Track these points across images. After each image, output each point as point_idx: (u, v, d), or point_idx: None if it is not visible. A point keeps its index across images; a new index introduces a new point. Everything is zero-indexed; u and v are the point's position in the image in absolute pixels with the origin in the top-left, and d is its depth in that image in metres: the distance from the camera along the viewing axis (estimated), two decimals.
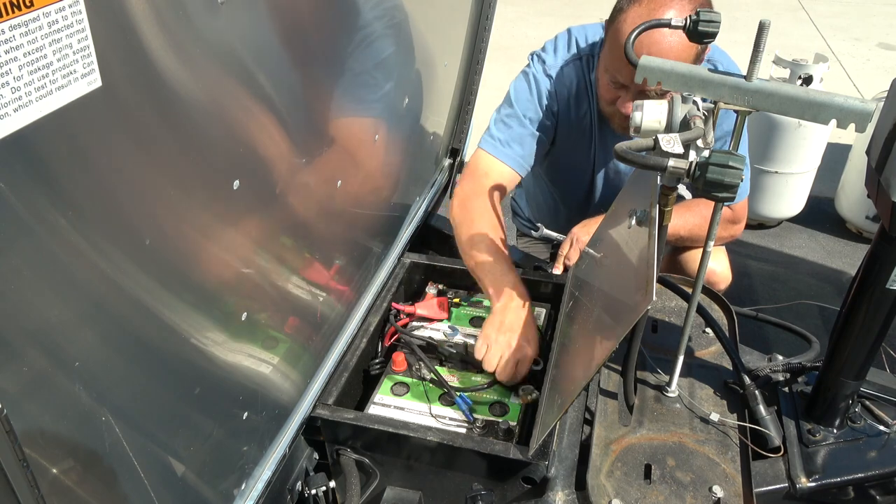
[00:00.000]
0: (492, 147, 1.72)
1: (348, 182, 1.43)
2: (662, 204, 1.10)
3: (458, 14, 1.91)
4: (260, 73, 1.03)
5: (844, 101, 0.98)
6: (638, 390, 1.40)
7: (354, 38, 1.31)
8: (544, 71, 1.75)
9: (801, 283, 3.32)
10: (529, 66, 1.78)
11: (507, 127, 1.73)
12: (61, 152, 0.70)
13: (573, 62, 1.75)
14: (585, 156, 1.89)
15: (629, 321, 1.01)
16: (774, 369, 1.42)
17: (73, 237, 0.74)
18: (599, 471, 1.25)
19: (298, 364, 1.35)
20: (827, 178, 3.69)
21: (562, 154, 1.91)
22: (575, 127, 1.81)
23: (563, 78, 1.75)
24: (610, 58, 1.57)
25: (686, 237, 1.83)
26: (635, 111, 1.05)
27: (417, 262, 1.78)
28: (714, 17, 1.13)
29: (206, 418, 1.08)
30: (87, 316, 0.80)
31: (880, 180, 1.07)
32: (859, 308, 1.21)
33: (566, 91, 1.76)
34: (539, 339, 1.47)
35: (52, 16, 0.64)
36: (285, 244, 1.25)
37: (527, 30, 6.62)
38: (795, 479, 1.25)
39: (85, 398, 0.80)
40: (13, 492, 0.70)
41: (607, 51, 1.58)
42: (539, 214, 2.29)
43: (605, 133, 1.81)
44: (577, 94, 1.77)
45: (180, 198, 0.91)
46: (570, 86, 1.76)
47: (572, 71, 1.75)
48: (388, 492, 1.36)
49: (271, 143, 1.11)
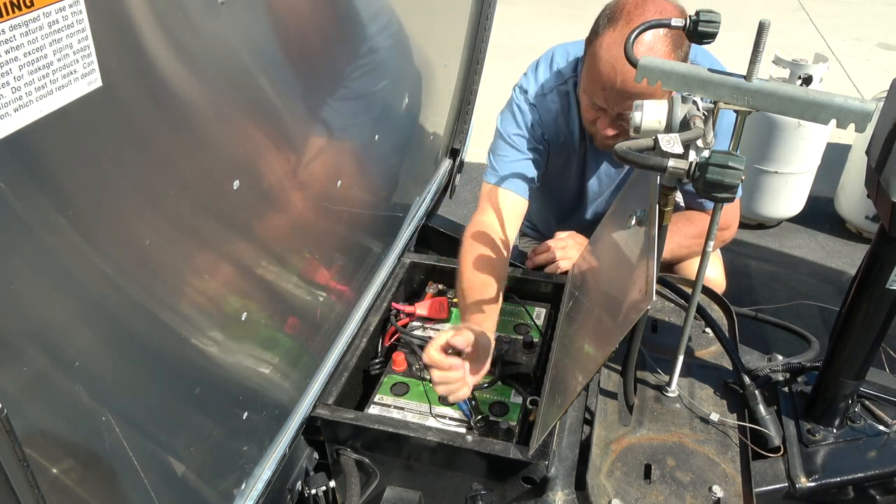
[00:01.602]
0: (494, 178, 1.73)
1: (348, 182, 1.43)
2: (662, 204, 1.10)
3: (458, 14, 1.91)
4: (260, 73, 1.03)
5: (844, 101, 0.98)
6: (638, 390, 1.40)
7: (355, 38, 1.31)
8: (527, 101, 1.76)
9: (801, 283, 3.32)
10: (513, 99, 1.79)
11: (504, 157, 1.74)
12: (61, 152, 0.70)
13: (556, 88, 1.75)
14: (575, 169, 1.90)
15: (629, 321, 1.01)
16: (774, 369, 1.42)
17: (73, 237, 0.74)
18: (599, 471, 1.25)
19: (298, 364, 1.35)
20: (827, 178, 3.69)
21: (553, 168, 1.93)
22: (565, 144, 1.82)
23: (547, 103, 1.76)
24: (587, 81, 1.56)
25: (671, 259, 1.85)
26: (635, 111, 1.05)
27: (417, 262, 1.79)
28: (714, 17, 1.13)
29: (206, 418, 1.08)
30: (87, 316, 0.80)
31: (880, 180, 1.07)
32: (859, 308, 1.21)
33: (551, 115, 1.76)
34: (486, 361, 1.37)
35: (53, 16, 0.64)
36: (285, 244, 1.25)
37: (527, 30, 6.62)
38: (795, 479, 1.25)
39: (85, 398, 0.80)
40: (13, 492, 0.70)
41: (585, 73, 1.57)
42: (533, 217, 2.30)
43: (593, 146, 1.82)
44: (563, 115, 1.77)
45: (180, 198, 0.91)
46: (554, 112, 1.76)
47: (555, 97, 1.75)
48: (388, 492, 1.36)
49: (271, 144, 1.11)
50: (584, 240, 1.78)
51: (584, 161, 1.87)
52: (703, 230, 1.23)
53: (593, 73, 1.51)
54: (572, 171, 1.91)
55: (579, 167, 1.89)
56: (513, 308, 1.68)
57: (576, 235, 1.80)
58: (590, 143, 1.82)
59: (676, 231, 1.77)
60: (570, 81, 1.75)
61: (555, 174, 1.95)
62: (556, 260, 1.74)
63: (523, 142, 1.74)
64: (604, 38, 1.47)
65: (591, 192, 1.94)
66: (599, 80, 1.50)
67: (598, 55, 1.48)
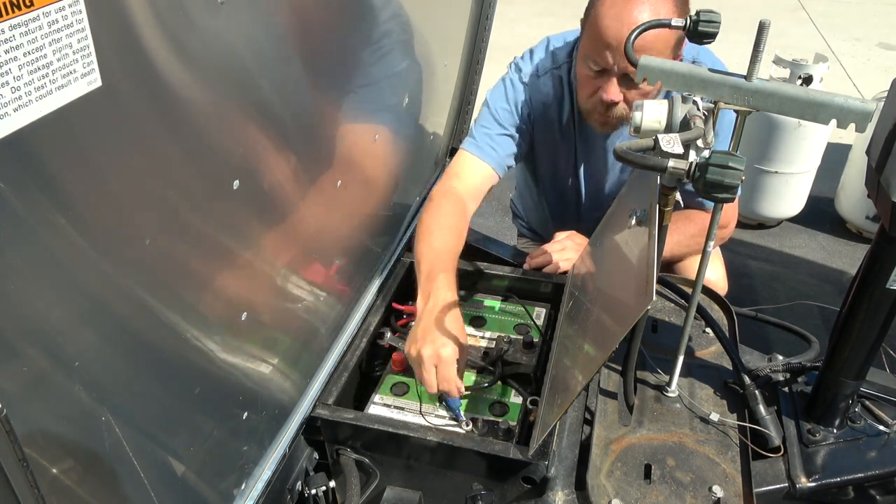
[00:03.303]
0: (471, 146, 1.74)
1: (348, 182, 1.42)
2: (662, 204, 1.10)
3: (458, 14, 1.91)
4: (260, 73, 1.03)
5: (844, 101, 0.98)
6: (638, 390, 1.40)
7: (355, 39, 1.31)
8: (520, 79, 1.77)
9: (801, 283, 3.32)
10: (507, 74, 1.81)
11: (485, 129, 1.75)
12: (61, 152, 0.70)
13: (550, 71, 1.76)
14: (568, 161, 1.90)
15: (629, 321, 1.01)
16: (774, 369, 1.42)
17: (72, 237, 0.74)
18: (599, 471, 1.25)
19: (298, 364, 1.35)
20: (827, 178, 3.69)
21: (544, 161, 1.93)
22: (555, 133, 1.83)
23: (540, 86, 1.77)
24: (589, 46, 1.57)
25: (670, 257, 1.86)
26: (635, 111, 1.05)
27: None
28: (714, 17, 1.13)
29: (206, 418, 1.08)
30: (87, 316, 0.80)
31: (880, 180, 1.07)
32: (859, 308, 1.21)
33: (542, 99, 1.77)
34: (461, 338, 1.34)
35: (52, 15, 0.64)
36: (285, 244, 1.25)
37: (527, 30, 6.62)
38: (795, 479, 1.25)
39: (85, 398, 0.80)
40: (13, 492, 0.70)
41: (585, 38, 1.58)
42: (530, 217, 2.30)
43: (587, 136, 1.82)
44: (556, 101, 1.78)
45: (180, 198, 0.91)
46: (546, 94, 1.77)
47: (549, 80, 1.76)
48: (388, 492, 1.36)
49: (271, 144, 1.11)
50: (583, 239, 1.78)
51: (576, 152, 1.87)
52: (702, 229, 1.23)
53: (597, 30, 1.52)
54: (564, 163, 1.90)
55: (571, 158, 1.88)
56: (513, 308, 1.68)
57: (575, 235, 1.80)
58: (580, 134, 1.82)
59: (676, 230, 1.77)
60: (563, 67, 1.75)
61: (547, 168, 1.95)
62: (552, 262, 1.74)
63: (509, 117, 1.75)
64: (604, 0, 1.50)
65: (584, 184, 1.94)
66: (604, 38, 1.50)
67: (601, 13, 1.50)
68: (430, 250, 1.50)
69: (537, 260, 1.75)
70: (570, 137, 1.83)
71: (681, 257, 1.88)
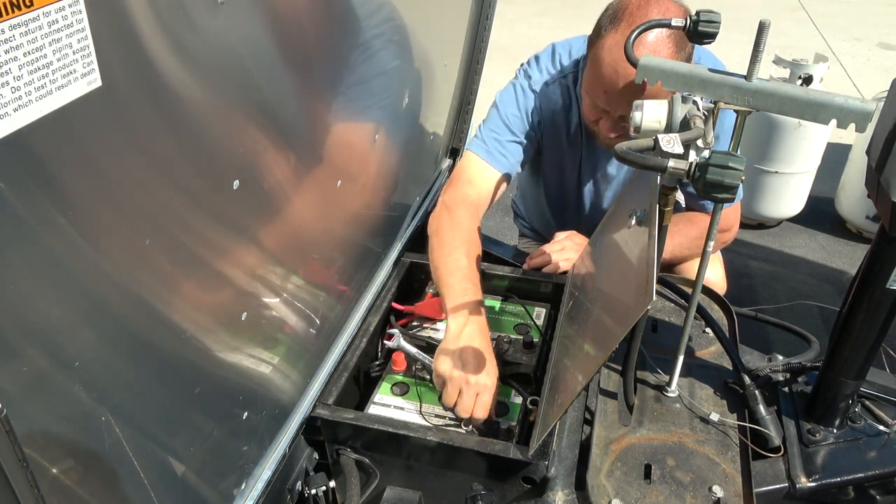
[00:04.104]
0: (481, 149, 1.73)
1: (348, 182, 1.42)
2: (662, 204, 1.10)
3: (458, 14, 1.91)
4: (260, 73, 1.03)
5: (844, 101, 0.98)
6: (638, 390, 1.40)
7: (356, 40, 1.31)
8: (530, 86, 1.76)
9: (801, 283, 3.32)
10: (517, 79, 1.79)
11: (495, 133, 1.74)
12: (61, 152, 0.70)
13: (558, 80, 1.75)
14: (572, 168, 1.90)
15: (629, 321, 1.01)
16: (774, 369, 1.42)
17: (73, 237, 0.74)
18: (599, 471, 1.25)
19: (298, 364, 1.35)
20: (827, 178, 3.69)
21: (549, 167, 1.93)
22: (562, 140, 1.82)
23: (549, 94, 1.76)
24: (590, 82, 1.56)
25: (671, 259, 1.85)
26: (635, 111, 1.05)
27: (417, 262, 1.78)
28: (714, 17, 1.13)
29: (206, 418, 1.08)
30: (86, 316, 0.80)
31: (880, 180, 1.07)
32: (859, 308, 1.21)
33: (551, 107, 1.77)
34: (497, 369, 1.36)
35: (52, 15, 0.64)
36: (285, 244, 1.25)
37: (527, 30, 6.62)
38: (795, 479, 1.25)
39: (85, 398, 0.80)
40: (13, 492, 0.70)
41: (587, 74, 1.57)
42: (532, 218, 2.30)
43: (593, 145, 1.82)
44: (563, 110, 1.77)
45: (180, 198, 0.91)
46: (554, 102, 1.76)
47: (557, 89, 1.75)
48: (388, 492, 1.36)
49: (271, 143, 1.11)
50: (583, 239, 1.77)
51: (581, 160, 1.87)
52: (703, 231, 1.23)
53: (595, 75, 1.51)
54: (569, 171, 1.90)
55: (576, 166, 1.89)
56: (513, 308, 1.68)
57: (575, 235, 1.80)
58: (587, 143, 1.82)
59: (677, 232, 1.77)
60: (569, 76, 1.75)
61: (552, 173, 1.95)
62: (552, 262, 1.74)
63: (519, 124, 1.75)
64: (606, 39, 1.47)
65: (588, 192, 1.94)
66: (601, 82, 1.50)
67: (601, 57, 1.48)
68: (459, 268, 1.50)
69: (537, 260, 1.75)
70: (577, 146, 1.83)
71: (682, 259, 1.87)
